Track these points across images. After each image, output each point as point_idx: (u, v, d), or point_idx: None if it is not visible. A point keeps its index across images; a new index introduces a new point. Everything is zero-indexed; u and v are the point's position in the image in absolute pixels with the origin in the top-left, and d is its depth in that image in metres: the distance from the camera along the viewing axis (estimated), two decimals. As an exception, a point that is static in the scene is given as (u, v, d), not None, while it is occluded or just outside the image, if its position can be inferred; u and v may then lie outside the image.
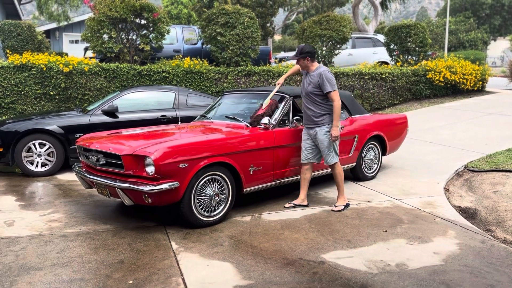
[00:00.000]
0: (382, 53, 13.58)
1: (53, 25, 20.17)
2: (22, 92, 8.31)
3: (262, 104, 4.63)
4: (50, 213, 4.38)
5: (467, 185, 5.45)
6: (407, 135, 6.42)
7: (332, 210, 4.38)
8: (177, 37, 11.31)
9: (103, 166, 4.00)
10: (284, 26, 34.50)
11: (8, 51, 9.95)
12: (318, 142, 4.42)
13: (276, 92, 4.97)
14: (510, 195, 4.81)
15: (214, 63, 10.33)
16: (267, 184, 4.49)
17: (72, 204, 4.70)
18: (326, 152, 4.42)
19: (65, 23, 19.44)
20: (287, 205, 4.50)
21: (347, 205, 4.49)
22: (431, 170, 5.98)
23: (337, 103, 4.29)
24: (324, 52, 11.45)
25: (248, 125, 4.51)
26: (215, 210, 4.02)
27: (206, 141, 3.97)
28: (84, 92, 8.59)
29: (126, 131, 4.76)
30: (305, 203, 4.56)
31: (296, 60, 4.43)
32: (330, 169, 5.15)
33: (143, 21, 9.46)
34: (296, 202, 4.53)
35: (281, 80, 4.79)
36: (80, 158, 4.48)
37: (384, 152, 5.90)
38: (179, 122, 5.13)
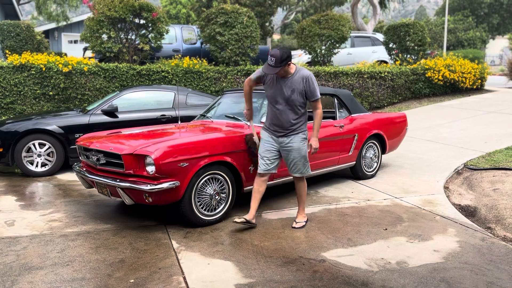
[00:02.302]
0: (381, 52, 13.60)
1: (52, 25, 20.16)
2: (22, 92, 8.31)
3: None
4: (50, 213, 4.39)
5: (466, 183, 5.47)
6: (407, 134, 6.43)
7: (293, 227, 3.91)
8: (176, 36, 11.32)
9: (103, 165, 4.01)
10: (283, 25, 34.51)
11: (7, 51, 9.95)
12: (290, 151, 3.86)
13: None
14: (509, 193, 4.82)
15: (213, 63, 10.33)
16: (268, 183, 4.48)
17: (73, 203, 4.70)
18: (302, 162, 3.89)
19: (64, 23, 19.43)
20: (237, 219, 3.81)
21: (307, 221, 4.04)
22: (431, 169, 5.99)
23: (320, 111, 3.85)
24: (323, 51, 11.45)
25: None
26: (215, 209, 4.03)
27: (206, 140, 3.97)
28: (84, 92, 8.58)
29: (126, 131, 4.76)
30: (255, 221, 3.91)
31: (276, 71, 3.66)
32: (329, 168, 5.17)
33: (142, 21, 9.46)
34: (248, 217, 3.84)
35: (251, 116, 4.18)
36: (80, 158, 4.48)
37: (383, 151, 5.91)
38: (179, 122, 5.13)
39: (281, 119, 3.85)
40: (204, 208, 3.94)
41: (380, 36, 14.09)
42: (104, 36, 9.29)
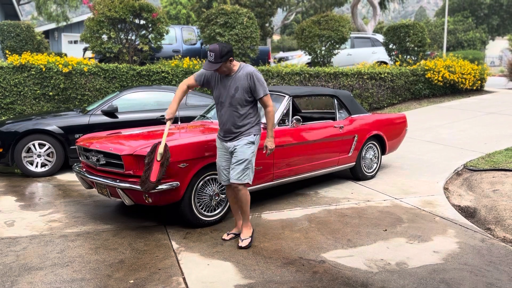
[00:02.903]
0: (381, 53, 13.61)
1: (52, 25, 20.17)
2: (22, 93, 8.31)
3: (158, 155, 3.48)
4: (50, 213, 4.38)
5: (466, 184, 5.47)
6: (406, 135, 6.44)
7: (239, 247, 3.48)
8: (176, 37, 11.33)
9: (103, 166, 4.01)
10: (283, 26, 34.52)
11: (7, 51, 9.94)
12: (234, 153, 3.51)
13: (275, 92, 4.97)
14: (509, 194, 4.82)
15: (213, 63, 10.32)
16: (267, 183, 4.49)
17: (72, 204, 4.70)
18: (242, 167, 3.45)
19: (64, 23, 19.44)
20: (225, 236, 3.69)
21: (252, 234, 3.63)
22: (431, 169, 5.99)
23: (271, 108, 3.50)
24: (323, 52, 11.46)
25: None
26: (215, 210, 4.03)
27: (206, 141, 3.97)
28: (84, 93, 8.58)
29: (126, 131, 4.76)
30: (251, 228, 3.72)
31: (216, 68, 3.39)
32: (329, 169, 5.18)
33: (142, 22, 9.47)
34: (235, 231, 3.74)
35: (171, 115, 3.57)
36: (80, 158, 4.48)
37: (383, 152, 5.91)
38: (179, 122, 5.14)
39: (228, 122, 3.52)
40: (204, 208, 3.94)
41: (380, 37, 14.10)
42: (104, 37, 9.29)
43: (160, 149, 3.46)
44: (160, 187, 3.59)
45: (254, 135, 3.53)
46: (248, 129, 3.52)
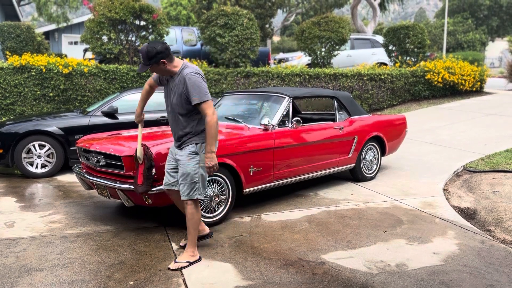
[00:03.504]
0: (380, 54, 13.62)
1: (52, 26, 20.17)
2: (22, 94, 8.31)
3: (138, 159, 3.49)
4: (50, 214, 4.39)
5: (466, 185, 5.47)
6: (406, 136, 6.45)
7: (168, 268, 3.13)
8: (176, 38, 11.34)
9: (103, 167, 4.01)
10: (283, 27, 34.52)
11: (7, 52, 9.95)
12: (179, 166, 3.21)
13: (275, 93, 4.98)
14: (509, 195, 4.83)
15: (213, 64, 10.35)
16: (267, 185, 4.50)
17: (72, 205, 4.70)
18: (187, 182, 3.15)
19: (64, 24, 19.45)
20: (182, 242, 3.51)
21: (193, 263, 3.19)
22: (430, 171, 5.99)
23: (210, 118, 3.02)
24: (323, 53, 11.47)
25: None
26: (215, 211, 4.03)
27: (206, 142, 3.97)
28: (84, 94, 8.59)
29: (126, 132, 4.76)
30: (207, 231, 3.51)
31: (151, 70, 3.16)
32: (329, 170, 5.18)
33: (142, 23, 9.48)
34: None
35: (137, 117, 3.54)
36: (80, 159, 4.49)
37: (383, 153, 5.92)
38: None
39: (172, 128, 3.28)
40: (204, 209, 3.94)
41: (380, 38, 14.12)
42: (105, 38, 9.30)
43: (138, 153, 3.45)
44: (160, 187, 3.59)
45: (197, 143, 3.16)
46: (191, 137, 3.17)
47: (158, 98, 6.85)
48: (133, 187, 3.65)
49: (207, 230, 3.52)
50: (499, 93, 13.11)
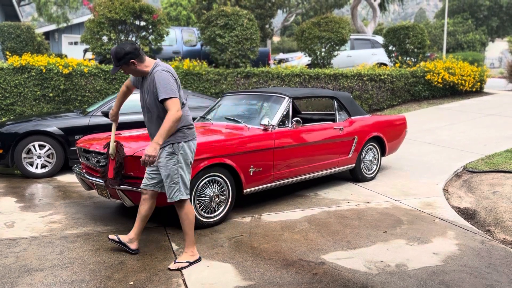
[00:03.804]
0: (380, 55, 13.63)
1: (53, 26, 20.18)
2: (22, 94, 8.31)
3: (110, 155, 3.58)
4: (50, 214, 4.39)
5: (466, 186, 5.47)
6: (406, 136, 6.45)
7: (168, 269, 3.13)
8: (177, 38, 11.34)
9: (103, 167, 4.01)
10: (283, 27, 34.52)
11: (7, 52, 9.95)
12: (159, 168, 3.20)
13: (275, 93, 4.99)
14: (509, 195, 4.83)
15: (213, 65, 10.36)
16: (267, 185, 4.50)
17: (72, 205, 4.70)
18: (168, 183, 3.15)
19: (65, 24, 19.45)
20: (111, 235, 3.39)
21: (193, 263, 3.19)
22: (430, 171, 5.99)
23: (172, 113, 2.94)
24: (323, 53, 11.48)
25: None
26: (215, 211, 4.03)
27: (206, 143, 3.98)
28: (84, 94, 8.59)
29: (126, 133, 4.76)
30: (134, 246, 3.37)
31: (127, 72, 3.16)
32: (329, 170, 5.18)
33: (142, 23, 9.48)
34: (122, 238, 3.37)
35: (113, 116, 3.58)
36: (80, 159, 4.49)
37: (383, 153, 5.92)
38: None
39: (148, 129, 3.29)
40: (203, 210, 3.95)
41: (380, 39, 14.12)
42: (105, 38, 9.31)
43: (111, 149, 3.52)
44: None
45: (173, 144, 3.12)
46: (174, 136, 3.14)
47: (158, 98, 6.87)
48: (133, 187, 3.65)
49: (135, 245, 3.39)
50: (499, 93, 13.12)
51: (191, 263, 3.19)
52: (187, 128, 3.19)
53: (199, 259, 3.26)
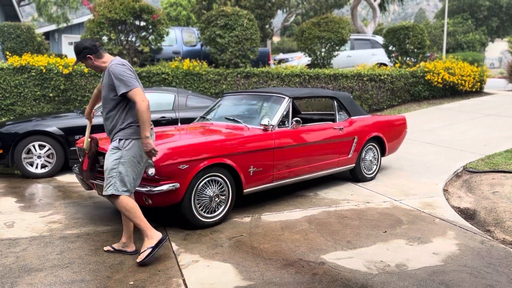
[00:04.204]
0: (380, 55, 13.63)
1: (53, 27, 20.17)
2: (22, 94, 8.31)
3: (85, 150, 3.63)
4: (50, 214, 4.39)
5: (466, 186, 5.47)
6: (406, 136, 6.45)
7: (138, 263, 3.17)
8: (177, 38, 11.34)
9: (103, 167, 4.00)
10: (283, 27, 34.52)
11: (7, 52, 9.96)
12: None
13: (275, 93, 4.99)
14: (508, 195, 4.83)
15: (213, 65, 10.36)
16: (267, 185, 4.50)
17: (72, 205, 4.70)
18: (105, 175, 3.15)
19: (65, 25, 19.44)
20: (105, 248, 3.43)
21: (156, 246, 3.18)
22: (430, 171, 6.00)
23: (140, 104, 3.00)
24: (323, 53, 11.48)
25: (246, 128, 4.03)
26: (215, 211, 4.03)
27: (206, 143, 3.98)
28: (84, 94, 8.59)
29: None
30: (131, 248, 3.38)
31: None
32: (329, 170, 5.18)
33: (142, 23, 9.49)
34: (116, 246, 3.42)
35: (86, 115, 3.69)
36: (80, 159, 4.49)
37: (383, 153, 5.92)
38: (179, 124, 5.14)
39: (104, 124, 3.31)
40: (203, 210, 3.95)
41: (380, 39, 14.12)
42: (105, 38, 9.31)
43: (85, 145, 3.61)
44: (160, 188, 3.59)
45: (120, 139, 3.14)
46: (116, 133, 3.17)
47: (158, 98, 6.87)
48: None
49: (133, 247, 3.41)
50: (499, 93, 13.12)
51: (154, 247, 3.17)
52: (138, 126, 3.15)
53: (163, 239, 3.22)
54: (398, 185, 5.45)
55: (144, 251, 3.17)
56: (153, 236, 3.22)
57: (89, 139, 3.62)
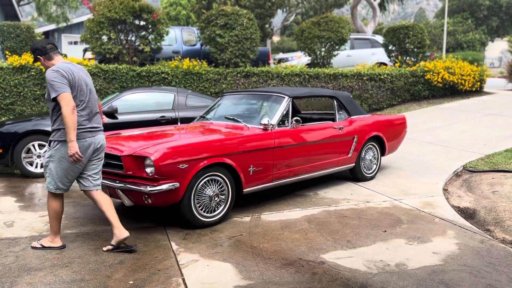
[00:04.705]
0: (380, 54, 13.62)
1: (52, 26, 20.17)
2: (21, 93, 8.31)
3: None
4: (49, 214, 4.38)
5: (465, 185, 5.47)
6: (406, 136, 6.45)
7: (31, 247, 3.46)
8: (176, 38, 11.33)
9: (103, 167, 4.00)
10: (282, 27, 34.52)
11: (7, 52, 9.95)
12: None
13: (275, 93, 4.99)
14: (508, 195, 4.83)
15: (213, 64, 10.35)
16: (267, 184, 4.50)
17: (72, 205, 4.70)
18: (45, 173, 3.43)
19: (64, 24, 19.45)
20: (105, 248, 3.47)
21: (48, 248, 3.44)
22: (430, 171, 5.99)
23: (64, 109, 3.15)
24: (322, 53, 11.47)
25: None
26: (215, 211, 4.03)
27: (205, 142, 3.98)
28: (83, 93, 8.58)
29: (125, 132, 4.76)
30: (124, 235, 3.42)
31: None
32: (329, 170, 5.18)
33: (142, 23, 9.48)
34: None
35: None
36: (79, 159, 4.48)
37: (383, 153, 5.92)
38: (179, 123, 5.14)
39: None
40: (203, 209, 3.94)
41: (380, 38, 14.12)
42: (104, 38, 9.30)
43: None
44: (159, 187, 3.59)
45: (51, 140, 3.37)
46: (55, 134, 3.36)
47: (158, 98, 6.87)
48: (132, 186, 3.65)
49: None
50: (498, 93, 13.11)
51: (44, 247, 3.45)
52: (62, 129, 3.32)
53: (61, 247, 3.46)
54: (398, 184, 5.45)
55: (38, 242, 3.48)
56: (53, 241, 3.48)
57: None
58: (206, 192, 3.95)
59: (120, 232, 3.42)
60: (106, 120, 4.05)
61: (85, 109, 3.40)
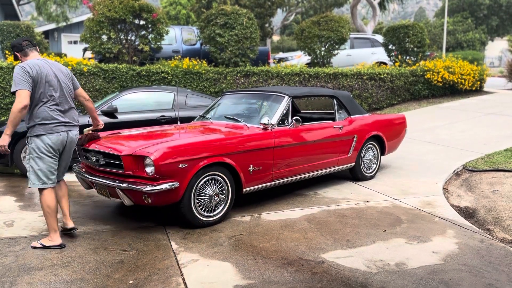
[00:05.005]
0: (380, 54, 13.62)
1: (52, 26, 20.17)
2: (21, 93, 8.29)
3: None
4: (49, 213, 4.38)
5: (465, 184, 5.47)
6: (406, 135, 6.44)
7: (31, 246, 3.48)
8: (176, 37, 11.33)
9: (103, 166, 4.01)
10: (282, 26, 34.52)
11: (7, 51, 9.94)
12: None
13: (275, 92, 5.00)
14: (508, 194, 4.83)
15: (213, 64, 10.35)
16: (267, 184, 4.50)
17: (72, 204, 4.69)
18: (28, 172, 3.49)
19: (64, 24, 19.44)
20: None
21: (48, 247, 3.44)
22: (430, 170, 5.99)
23: (15, 104, 3.30)
24: (322, 52, 11.47)
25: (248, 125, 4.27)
26: (214, 210, 4.03)
27: (205, 141, 3.98)
28: (83, 93, 8.58)
29: (125, 132, 4.76)
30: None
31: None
32: (329, 169, 5.18)
33: (142, 22, 9.48)
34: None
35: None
36: (79, 158, 4.49)
37: (383, 152, 5.92)
38: (179, 123, 5.14)
39: None
40: (203, 209, 3.95)
41: (380, 38, 14.11)
42: (104, 37, 9.30)
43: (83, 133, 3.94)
44: (159, 187, 3.59)
45: (27, 137, 3.48)
46: (29, 131, 3.48)
47: (157, 97, 6.87)
48: (132, 186, 3.65)
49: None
50: (498, 92, 13.11)
51: (44, 246, 3.44)
52: (40, 124, 3.42)
53: (60, 246, 3.46)
54: (397, 184, 5.45)
55: (37, 242, 3.48)
56: (53, 240, 3.48)
57: (88, 133, 3.82)
58: (206, 191, 3.95)
59: (67, 222, 3.66)
60: (102, 125, 4.10)
61: (57, 105, 3.49)
